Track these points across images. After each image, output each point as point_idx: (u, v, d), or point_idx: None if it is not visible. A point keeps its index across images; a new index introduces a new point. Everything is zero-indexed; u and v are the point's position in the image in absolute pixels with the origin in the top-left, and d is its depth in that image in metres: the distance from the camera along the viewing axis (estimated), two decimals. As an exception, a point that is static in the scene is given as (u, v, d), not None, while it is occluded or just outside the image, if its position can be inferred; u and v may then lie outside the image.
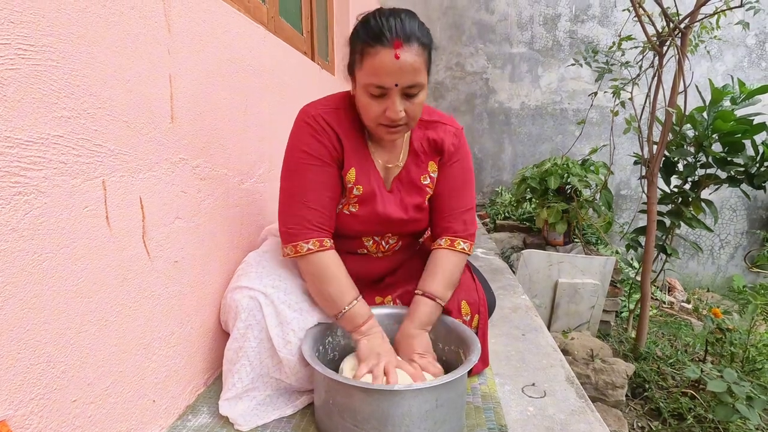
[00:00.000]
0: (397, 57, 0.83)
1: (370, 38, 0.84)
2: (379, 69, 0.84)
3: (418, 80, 0.87)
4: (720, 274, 3.92)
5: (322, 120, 0.96)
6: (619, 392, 1.81)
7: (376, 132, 0.95)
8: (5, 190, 0.56)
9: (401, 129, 0.93)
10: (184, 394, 0.95)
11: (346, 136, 0.98)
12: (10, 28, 0.55)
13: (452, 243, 1.04)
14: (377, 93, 0.87)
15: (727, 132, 2.18)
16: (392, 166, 1.04)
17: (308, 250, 0.94)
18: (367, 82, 0.87)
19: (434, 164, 1.07)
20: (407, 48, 0.84)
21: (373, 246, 1.09)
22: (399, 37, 0.83)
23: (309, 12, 2.17)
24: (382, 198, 1.02)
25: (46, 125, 0.61)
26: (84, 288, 0.68)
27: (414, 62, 0.85)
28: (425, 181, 1.06)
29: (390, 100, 0.87)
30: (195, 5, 0.97)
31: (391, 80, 0.85)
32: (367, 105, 0.90)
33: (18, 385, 0.58)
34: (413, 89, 0.88)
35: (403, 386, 0.76)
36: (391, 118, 0.88)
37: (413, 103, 0.90)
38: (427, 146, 1.05)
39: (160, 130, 0.86)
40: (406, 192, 1.05)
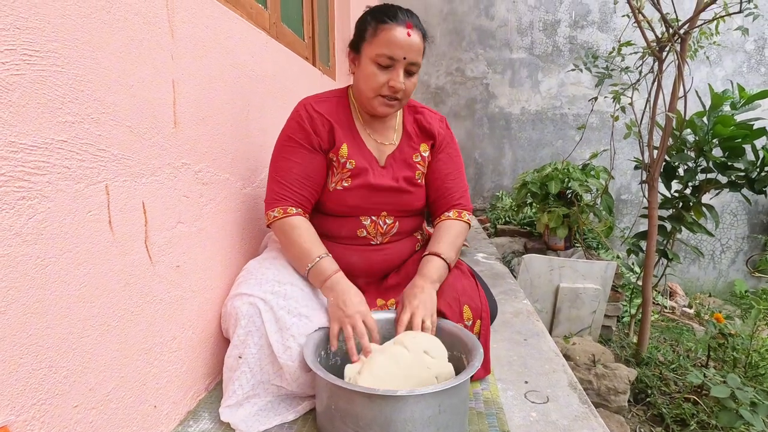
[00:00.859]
0: (408, 35, 1.00)
1: (386, 16, 1.00)
2: (393, 41, 0.99)
3: (419, 60, 1.03)
4: (721, 278, 3.91)
5: (311, 108, 1.09)
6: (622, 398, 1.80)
7: (373, 104, 1.06)
8: (9, 194, 0.56)
9: (395, 104, 1.06)
10: (185, 400, 0.95)
11: (337, 119, 1.10)
12: (15, 33, 0.56)
13: (459, 214, 1.16)
14: (385, 63, 1.01)
15: (727, 137, 2.19)
16: (387, 144, 1.15)
17: (274, 218, 1.05)
18: (378, 52, 1.00)
19: (426, 146, 1.18)
20: (415, 30, 1.02)
21: (372, 226, 1.14)
22: (410, 21, 1.02)
23: (310, 17, 2.19)
24: (374, 171, 1.12)
25: (50, 130, 0.61)
26: (86, 292, 0.68)
27: (419, 43, 1.02)
28: (416, 159, 1.17)
29: (395, 71, 1.02)
30: (198, 11, 0.98)
31: (401, 52, 1.00)
32: (372, 74, 1.02)
33: (20, 390, 0.57)
34: (413, 67, 1.03)
35: (405, 392, 0.75)
36: (395, 88, 1.02)
37: (410, 81, 1.04)
38: (418, 129, 1.19)
39: (162, 135, 0.86)
40: (398, 167, 1.15)
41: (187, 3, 0.93)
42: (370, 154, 1.13)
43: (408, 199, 1.15)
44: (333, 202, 1.12)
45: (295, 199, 1.07)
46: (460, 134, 3.99)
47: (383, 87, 1.02)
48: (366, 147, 1.13)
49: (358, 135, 1.13)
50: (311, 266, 1.00)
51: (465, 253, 2.44)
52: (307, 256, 1.01)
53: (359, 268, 1.15)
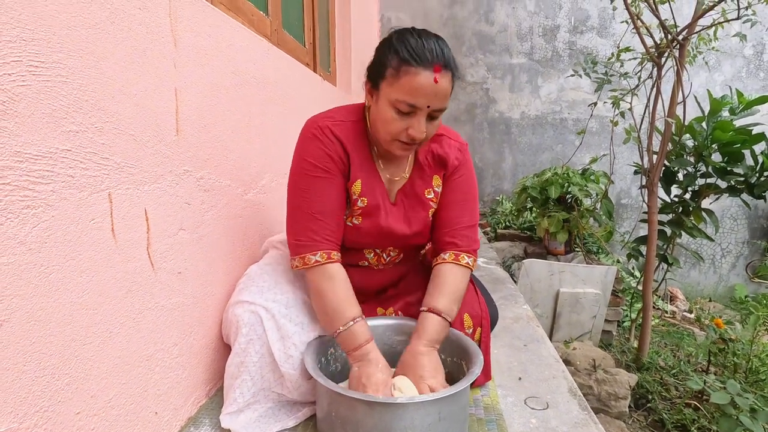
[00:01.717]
0: (436, 81, 0.84)
1: (411, 57, 0.84)
2: (417, 89, 0.85)
3: (446, 105, 0.90)
4: (722, 283, 3.91)
5: (329, 131, 0.97)
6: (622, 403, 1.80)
7: (390, 147, 0.94)
8: (14, 203, 0.56)
9: (414, 147, 0.95)
10: (186, 406, 0.95)
11: (354, 148, 0.99)
12: (22, 45, 0.57)
13: (457, 257, 1.02)
14: (406, 110, 0.88)
15: (726, 142, 2.20)
16: (397, 178, 1.05)
17: (316, 262, 0.93)
18: (398, 98, 0.87)
19: (438, 178, 1.07)
20: (444, 73, 0.86)
21: (374, 258, 1.10)
22: (440, 62, 0.85)
23: (311, 24, 2.20)
24: (386, 211, 1.03)
25: (54, 140, 0.62)
26: (89, 300, 0.68)
27: (447, 88, 0.87)
28: (429, 195, 1.06)
29: (416, 119, 0.88)
30: (201, 20, 0.99)
31: (425, 101, 0.86)
32: (390, 120, 0.90)
33: (23, 397, 0.58)
34: (438, 113, 0.90)
35: (405, 398, 0.76)
36: (413, 137, 0.89)
37: (432, 125, 0.92)
38: (432, 160, 1.06)
39: (165, 142, 0.87)
40: (410, 206, 1.05)
41: (190, 12, 0.94)
42: (382, 190, 1.03)
43: (417, 238, 1.08)
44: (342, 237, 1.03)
45: (335, 239, 0.96)
46: (460, 139, 3.99)
47: (401, 134, 0.90)
48: (380, 182, 1.03)
49: (372, 167, 1.02)
50: (343, 329, 0.90)
51: (465, 258, 2.44)
52: (341, 316, 0.91)
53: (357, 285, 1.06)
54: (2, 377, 0.55)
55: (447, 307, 0.97)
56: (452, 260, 1.02)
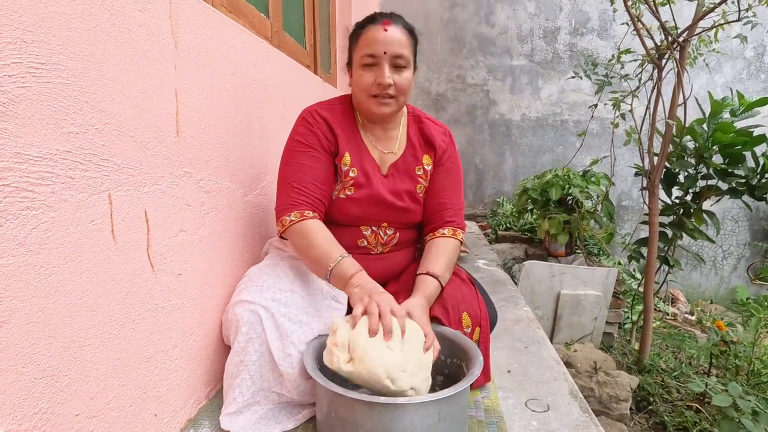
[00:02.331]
0: (385, 29, 1.02)
1: (364, 22, 1.06)
2: (371, 40, 1.02)
3: (403, 52, 1.03)
4: (723, 285, 3.89)
5: (317, 114, 1.10)
6: (624, 405, 1.79)
7: (369, 106, 1.07)
8: (14, 205, 0.57)
9: (390, 102, 1.06)
10: (185, 408, 0.95)
11: (340, 126, 1.11)
12: (22, 47, 0.57)
13: (454, 233, 1.15)
14: (369, 62, 1.03)
15: (727, 144, 2.19)
16: (389, 152, 1.16)
17: (290, 221, 1.03)
18: (361, 54, 1.04)
19: (428, 158, 1.18)
20: (394, 26, 1.03)
21: (372, 237, 1.15)
22: (388, 18, 1.05)
23: (312, 26, 2.21)
24: (377, 180, 1.12)
25: (54, 141, 0.62)
26: (89, 301, 0.68)
27: (399, 37, 1.03)
28: (419, 171, 1.17)
29: (380, 68, 1.03)
30: (201, 22, 0.99)
31: (380, 48, 1.02)
32: (360, 77, 1.05)
33: (22, 399, 0.58)
34: (400, 60, 1.03)
35: (405, 400, 0.75)
36: (381, 84, 1.03)
37: (401, 76, 1.05)
38: (422, 139, 1.18)
39: (165, 144, 0.87)
40: (400, 179, 1.15)
41: (190, 14, 0.94)
42: (372, 162, 1.13)
43: (409, 214, 1.16)
44: (335, 211, 1.12)
45: (311, 203, 1.05)
46: (460, 141, 4.00)
47: (372, 86, 1.04)
48: (369, 154, 1.14)
49: (361, 142, 1.14)
50: (333, 266, 0.96)
51: (465, 260, 2.44)
52: (328, 257, 0.97)
53: None
54: (1, 379, 0.55)
55: (442, 273, 1.07)
56: (451, 235, 1.15)
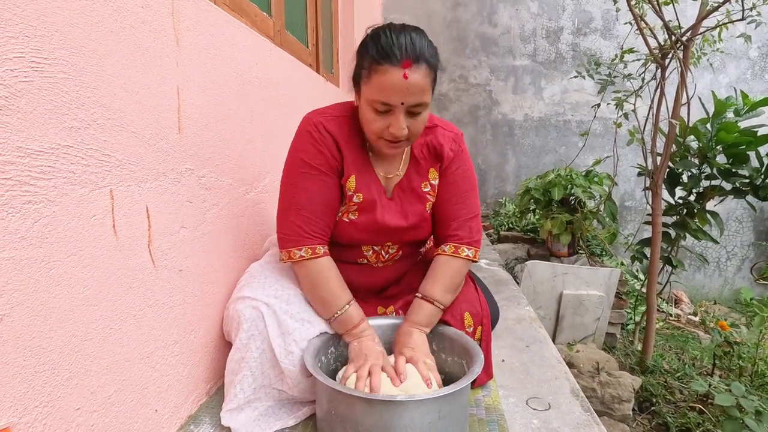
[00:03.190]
0: (405, 77, 0.84)
1: (379, 56, 0.85)
2: (387, 87, 0.85)
3: (424, 99, 0.89)
4: (727, 286, 3.87)
5: (323, 128, 0.98)
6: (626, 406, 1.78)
7: (377, 145, 0.96)
8: (16, 198, 0.57)
9: (402, 144, 0.95)
10: (186, 404, 0.95)
11: (347, 145, 1.00)
12: (24, 41, 0.57)
13: (456, 250, 1.04)
14: (382, 109, 0.89)
15: (731, 143, 2.18)
16: (391, 176, 1.05)
17: (301, 257, 0.97)
18: (373, 98, 0.88)
19: (434, 171, 1.07)
20: (416, 68, 0.85)
21: (373, 256, 1.10)
22: (408, 57, 0.84)
23: (314, 25, 2.21)
24: (382, 206, 1.03)
25: (56, 135, 0.62)
26: (90, 296, 0.69)
27: (421, 82, 0.86)
28: (426, 188, 1.06)
29: (394, 117, 0.89)
30: (203, 19, 0.99)
31: (397, 99, 0.86)
32: (371, 119, 0.91)
33: (23, 392, 0.58)
34: (418, 108, 0.89)
35: (405, 397, 0.75)
36: (394, 135, 0.90)
37: (416, 121, 0.91)
38: (427, 152, 1.06)
39: (167, 140, 0.87)
40: (407, 200, 1.06)
41: (193, 11, 0.95)
42: (378, 185, 1.03)
43: (416, 233, 1.09)
44: (338, 232, 1.04)
45: (320, 235, 0.98)
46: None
47: (384, 132, 0.91)
48: (375, 177, 1.03)
49: (368, 163, 1.03)
50: (338, 315, 0.95)
51: (468, 260, 2.43)
52: (334, 304, 0.96)
53: (358, 283, 1.10)
54: (2, 372, 0.55)
55: (441, 296, 1.00)
56: (452, 252, 1.04)
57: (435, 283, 1.02)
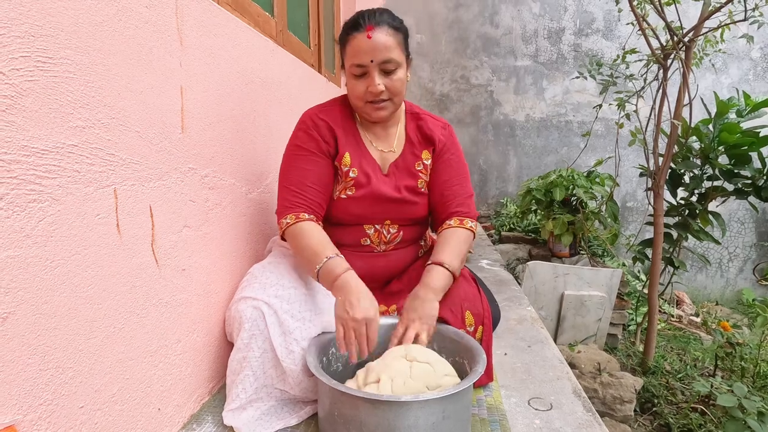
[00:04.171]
0: (369, 37, 0.99)
1: (348, 29, 1.02)
2: (356, 50, 1.00)
3: (391, 56, 1.01)
4: (729, 287, 3.86)
5: (316, 117, 1.10)
6: (628, 407, 1.78)
7: (365, 112, 1.07)
8: (21, 197, 0.57)
9: (386, 105, 1.06)
10: (189, 403, 0.95)
11: (340, 127, 1.11)
12: (30, 41, 0.57)
13: (461, 221, 1.12)
14: (358, 72, 1.02)
15: (733, 144, 2.18)
16: (388, 151, 1.15)
17: (287, 224, 1.03)
18: (350, 64, 1.03)
19: (427, 153, 1.18)
20: (377, 30, 1.00)
21: (375, 235, 1.14)
22: (371, 23, 1.00)
23: (316, 26, 2.21)
24: (377, 180, 1.12)
25: (61, 135, 0.63)
26: (93, 294, 0.69)
27: (385, 41, 1.00)
28: (419, 167, 1.16)
29: (370, 77, 1.02)
30: (207, 19, 0.99)
31: (366, 57, 1.00)
32: (353, 86, 1.05)
33: (27, 390, 0.58)
34: (389, 65, 1.01)
35: (410, 397, 0.75)
36: (373, 92, 1.02)
37: (392, 80, 1.03)
38: (420, 136, 1.18)
39: (170, 140, 0.87)
40: (401, 176, 1.15)
41: (196, 11, 0.95)
42: (373, 162, 1.13)
43: (411, 209, 1.15)
44: (337, 211, 1.12)
45: (307, 206, 1.05)
46: (464, 141, 3.99)
47: (365, 94, 1.03)
48: (369, 155, 1.13)
49: (361, 142, 1.13)
50: (320, 266, 0.95)
51: (469, 260, 2.44)
52: (317, 257, 0.97)
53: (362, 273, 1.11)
54: (7, 369, 0.55)
55: (450, 261, 1.04)
56: (457, 224, 1.12)
57: (444, 249, 1.06)
